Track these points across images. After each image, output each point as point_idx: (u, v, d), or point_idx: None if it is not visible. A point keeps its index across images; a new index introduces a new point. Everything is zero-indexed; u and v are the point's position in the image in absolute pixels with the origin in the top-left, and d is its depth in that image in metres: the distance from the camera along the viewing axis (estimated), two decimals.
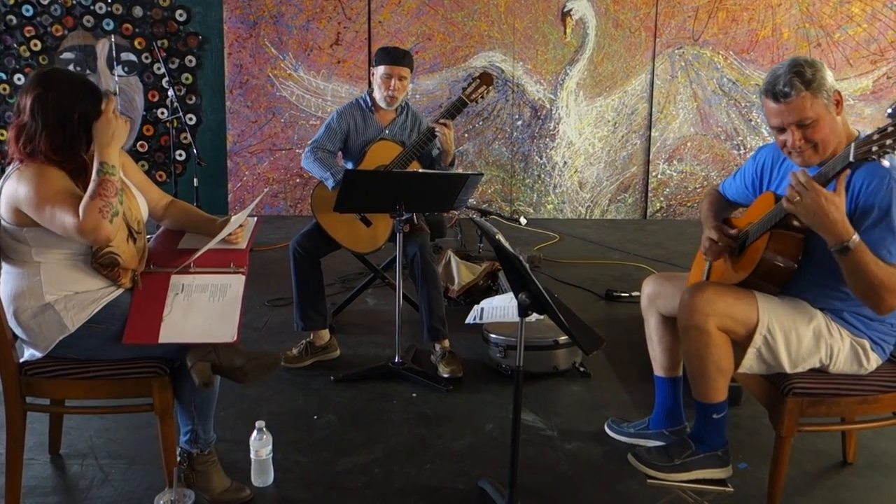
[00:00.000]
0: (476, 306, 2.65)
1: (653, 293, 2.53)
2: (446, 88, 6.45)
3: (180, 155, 6.43)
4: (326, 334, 3.45)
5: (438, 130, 3.28)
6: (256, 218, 2.61)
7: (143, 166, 6.47)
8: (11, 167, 2.12)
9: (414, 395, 3.09)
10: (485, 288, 4.17)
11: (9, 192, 2.08)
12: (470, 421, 2.88)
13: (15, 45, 6.20)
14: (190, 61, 6.39)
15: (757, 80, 6.37)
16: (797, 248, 2.15)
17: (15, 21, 6.17)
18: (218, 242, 2.34)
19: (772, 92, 2.09)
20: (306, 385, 3.17)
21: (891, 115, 4.52)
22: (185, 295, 2.20)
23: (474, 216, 4.52)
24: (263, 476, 2.43)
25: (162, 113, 6.40)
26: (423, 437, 2.76)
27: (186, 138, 6.12)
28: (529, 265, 4.78)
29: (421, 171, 3.34)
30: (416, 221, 3.42)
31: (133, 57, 6.35)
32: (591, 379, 3.27)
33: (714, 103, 6.55)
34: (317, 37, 6.36)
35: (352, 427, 2.82)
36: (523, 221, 4.78)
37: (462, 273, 4.21)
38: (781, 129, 2.12)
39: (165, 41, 6.30)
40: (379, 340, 3.69)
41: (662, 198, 6.72)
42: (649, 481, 2.39)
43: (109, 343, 2.13)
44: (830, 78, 2.07)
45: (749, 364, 2.20)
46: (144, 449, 2.60)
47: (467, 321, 2.61)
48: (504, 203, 6.71)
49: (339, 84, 6.43)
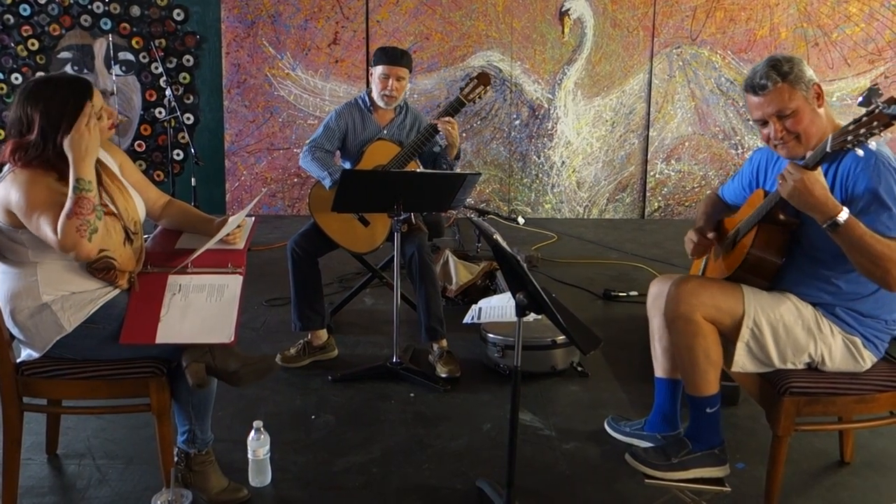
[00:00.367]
0: (474, 306, 2.66)
1: (657, 294, 2.54)
2: (444, 88, 6.45)
3: (178, 154, 6.43)
4: (324, 334, 3.45)
5: (443, 128, 3.28)
6: (254, 218, 2.61)
7: (141, 166, 6.46)
8: (6, 169, 2.11)
9: (412, 395, 3.09)
10: (483, 288, 4.17)
11: (2, 195, 2.08)
12: (468, 421, 2.88)
13: (12, 45, 6.19)
14: (188, 61, 6.38)
15: None
16: (783, 242, 2.20)
17: (12, 20, 6.16)
18: (215, 243, 2.34)
19: (751, 86, 2.16)
20: (304, 385, 3.17)
21: (861, 104, 4.55)
22: (183, 295, 2.20)
23: (472, 216, 4.52)
24: (261, 476, 2.43)
25: (160, 112, 6.39)
26: (421, 437, 2.76)
27: (184, 138, 6.12)
28: (527, 265, 4.79)
29: (419, 171, 3.35)
30: (414, 221, 3.42)
31: (130, 56, 6.34)
32: (589, 379, 3.27)
33: (712, 103, 6.55)
34: (315, 36, 6.35)
35: (349, 427, 2.82)
36: (521, 221, 4.76)
37: (460, 273, 4.21)
38: (764, 123, 2.18)
39: (163, 40, 6.29)
40: (377, 340, 3.69)
41: (660, 197, 6.72)
42: (647, 481, 2.39)
43: (106, 343, 2.13)
44: (809, 72, 2.13)
45: (741, 362, 2.21)
46: (142, 449, 2.60)
47: (465, 321, 2.61)
48: (502, 203, 6.71)
49: (337, 84, 6.43)
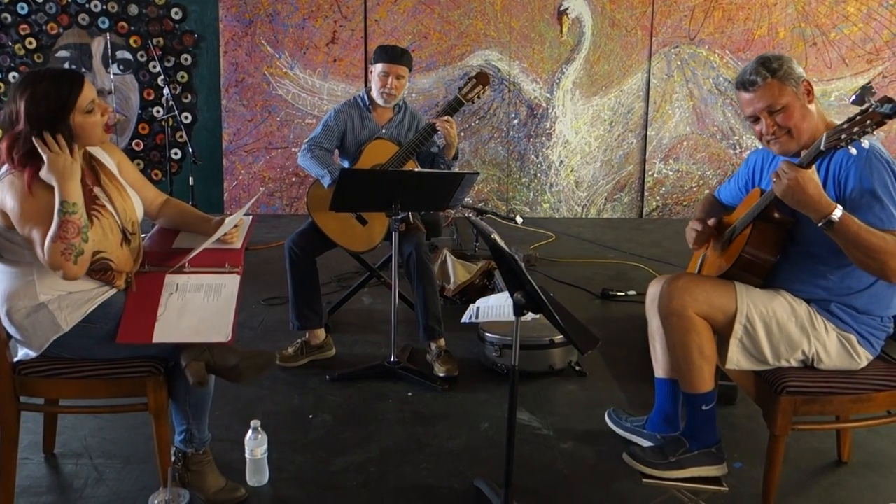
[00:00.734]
0: (472, 305, 2.65)
1: (655, 294, 2.54)
2: (442, 87, 6.45)
3: (176, 153, 6.42)
4: (322, 333, 3.45)
5: (441, 127, 3.28)
6: (252, 217, 2.61)
7: (139, 165, 6.46)
8: (3, 170, 2.09)
9: (409, 395, 3.08)
10: (481, 287, 4.17)
11: None
12: (466, 420, 2.88)
13: (10, 44, 6.18)
14: (185, 59, 6.38)
15: None
16: (777, 240, 2.22)
17: (10, 19, 6.15)
18: (213, 242, 2.34)
19: (742, 83, 2.21)
20: (302, 384, 3.17)
21: (855, 102, 4.57)
22: (180, 295, 2.19)
23: (470, 215, 4.52)
24: (258, 476, 2.42)
25: (157, 111, 6.38)
26: (419, 437, 2.75)
27: (182, 137, 6.11)
28: (525, 264, 4.79)
29: (417, 170, 3.35)
30: (412, 220, 3.42)
31: (128, 55, 6.34)
32: (587, 378, 3.27)
33: (710, 102, 6.56)
34: (313, 35, 6.35)
35: (347, 426, 2.82)
36: (519, 220, 4.76)
37: (458, 272, 4.21)
38: (756, 119, 2.22)
39: (161, 39, 6.29)
40: (375, 339, 3.68)
41: (658, 197, 6.73)
42: (645, 480, 2.40)
43: (104, 342, 2.13)
44: (799, 69, 2.18)
45: (735, 358, 2.22)
46: (139, 448, 2.59)
47: (463, 320, 2.61)
48: (500, 202, 6.71)
49: (335, 83, 6.42)
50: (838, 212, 1.97)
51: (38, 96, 2.03)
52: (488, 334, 3.27)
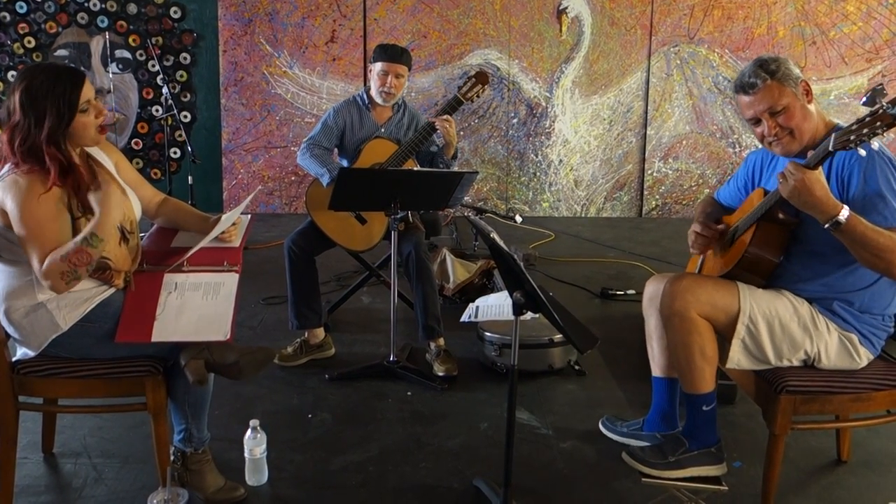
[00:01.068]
0: (471, 304, 2.65)
1: (653, 293, 2.54)
2: (442, 86, 6.45)
3: (175, 152, 6.42)
4: (321, 332, 3.44)
5: (440, 126, 3.28)
6: (250, 216, 2.60)
7: (138, 164, 6.46)
8: (6, 169, 2.09)
9: (409, 394, 3.08)
10: (480, 286, 4.16)
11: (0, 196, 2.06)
12: (465, 419, 2.88)
13: (9, 43, 6.17)
14: (185, 58, 6.37)
15: None
16: (781, 241, 2.21)
17: (8, 18, 6.14)
18: (211, 240, 2.33)
19: (741, 86, 2.21)
20: (301, 384, 3.17)
21: (865, 104, 4.56)
22: (179, 293, 2.19)
23: (470, 214, 4.51)
24: (257, 475, 2.42)
25: (156, 110, 6.38)
26: (418, 436, 2.75)
27: (181, 136, 6.11)
28: (525, 263, 4.79)
29: (416, 170, 3.34)
30: (412, 219, 3.42)
31: (127, 54, 6.33)
32: (587, 377, 3.27)
33: (709, 101, 6.55)
34: (312, 34, 6.34)
35: (346, 426, 2.82)
36: (519, 219, 4.75)
37: (457, 271, 4.21)
38: (756, 121, 2.22)
39: (160, 38, 6.28)
40: (374, 339, 3.68)
41: (658, 196, 6.72)
42: (644, 479, 2.39)
43: (102, 342, 2.12)
44: (796, 70, 2.18)
45: (736, 358, 2.22)
46: (138, 448, 2.59)
47: (462, 319, 2.60)
48: (499, 201, 6.71)
49: (335, 82, 6.42)
50: (845, 212, 1.97)
51: (34, 88, 2.03)
52: (487, 333, 3.27)
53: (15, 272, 2.12)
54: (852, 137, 1.90)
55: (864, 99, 4.66)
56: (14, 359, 2.19)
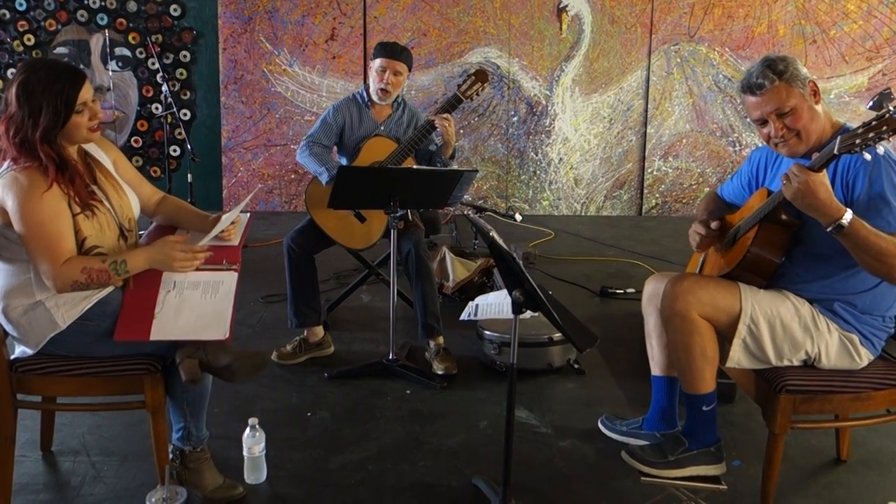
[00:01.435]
0: (470, 303, 2.64)
1: (653, 291, 2.54)
2: (441, 84, 6.44)
3: (175, 150, 6.41)
4: (320, 331, 3.44)
5: (439, 124, 3.27)
6: (249, 214, 2.59)
7: (138, 162, 6.45)
8: (5, 167, 2.08)
9: (408, 392, 3.08)
10: (479, 284, 4.16)
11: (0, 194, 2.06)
12: (464, 418, 2.88)
13: (8, 40, 6.17)
14: (184, 56, 6.37)
15: None
16: (783, 241, 2.20)
17: (8, 16, 6.14)
18: (211, 239, 2.32)
19: (748, 86, 2.18)
20: (300, 382, 3.16)
21: (872, 108, 4.55)
22: (177, 292, 2.18)
23: (469, 213, 4.50)
24: (256, 473, 2.42)
25: (156, 108, 6.38)
26: (417, 435, 2.75)
27: (181, 134, 6.11)
28: (524, 262, 4.78)
29: (415, 168, 3.34)
30: (411, 218, 3.41)
31: (127, 52, 6.32)
32: (586, 376, 3.26)
33: (710, 100, 6.55)
34: (312, 32, 6.34)
35: (345, 424, 2.82)
36: (518, 218, 4.75)
37: (457, 269, 4.21)
38: (763, 122, 2.19)
39: (160, 36, 6.28)
40: (373, 337, 3.68)
41: (658, 194, 6.72)
42: (643, 478, 2.39)
43: (101, 340, 2.12)
44: (804, 70, 2.16)
45: (737, 357, 2.21)
46: (136, 446, 2.59)
47: (462, 318, 2.60)
48: (499, 199, 6.70)
49: (334, 80, 6.41)
50: (848, 216, 1.96)
51: (32, 83, 2.03)
52: (487, 332, 3.27)
53: (13, 270, 2.12)
54: (858, 141, 1.89)
55: (871, 103, 4.64)
56: (12, 357, 2.18)
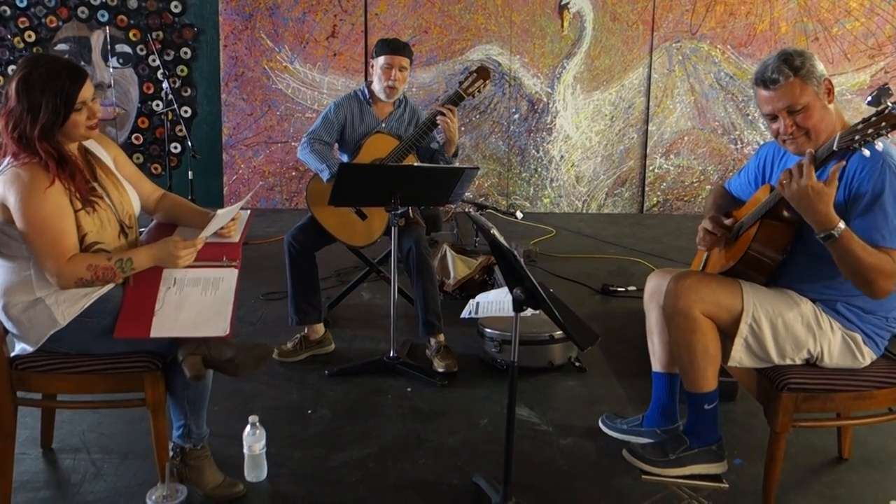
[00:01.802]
0: (471, 301, 2.65)
1: (654, 288, 2.53)
2: (443, 82, 6.43)
3: (175, 147, 6.40)
4: (321, 328, 3.44)
5: (440, 120, 3.27)
6: (250, 211, 2.59)
7: (138, 159, 6.45)
8: (6, 163, 2.08)
9: (409, 390, 3.07)
10: (480, 282, 4.15)
11: (0, 191, 2.05)
12: (465, 416, 2.87)
13: (9, 37, 6.16)
14: (185, 53, 6.36)
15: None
16: (785, 239, 2.19)
17: (9, 12, 6.13)
18: (211, 236, 2.32)
19: (762, 80, 2.14)
20: (300, 379, 3.16)
21: (870, 104, 4.52)
22: (178, 289, 2.18)
23: (470, 210, 4.50)
24: (257, 471, 2.42)
25: (157, 105, 6.37)
26: (418, 432, 2.75)
27: (182, 131, 6.10)
28: (525, 259, 4.78)
29: (417, 165, 3.33)
30: (412, 215, 3.41)
31: (128, 49, 6.31)
32: (587, 374, 3.26)
33: (711, 97, 6.54)
34: (313, 29, 6.33)
35: (346, 422, 2.81)
36: (520, 215, 4.75)
37: (458, 267, 4.20)
38: (773, 117, 2.16)
39: (160, 33, 6.27)
40: (374, 335, 3.67)
41: (659, 192, 6.71)
42: (644, 477, 2.39)
43: (101, 337, 2.12)
44: (820, 67, 2.11)
45: (738, 356, 2.20)
46: (137, 443, 2.58)
47: (462, 316, 2.60)
48: (500, 197, 6.69)
49: (335, 77, 6.40)
50: (841, 227, 1.95)
51: (32, 79, 2.03)
52: (488, 330, 3.26)
53: (14, 267, 2.11)
54: (857, 137, 1.88)
55: (870, 98, 4.62)
56: (12, 354, 2.18)
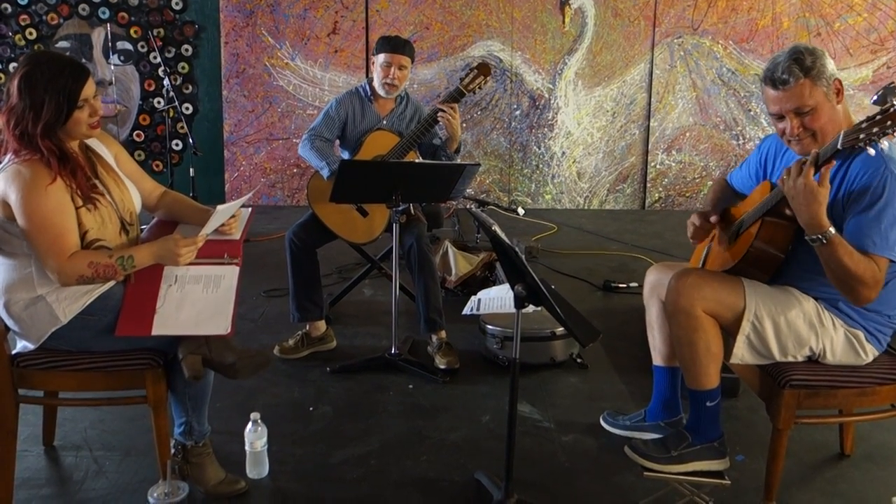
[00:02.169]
0: (473, 297, 2.64)
1: (655, 282, 2.53)
2: (444, 78, 6.42)
3: (177, 145, 6.40)
4: (323, 325, 3.43)
5: (441, 117, 3.26)
6: (251, 208, 2.59)
7: (140, 156, 6.45)
8: (7, 160, 2.08)
9: (410, 387, 3.07)
10: (482, 279, 4.15)
11: (1, 188, 2.05)
12: (466, 412, 2.87)
13: (10, 34, 6.15)
14: (186, 50, 6.35)
15: (756, 70, 6.34)
16: (787, 237, 2.18)
17: (10, 9, 6.12)
18: (212, 233, 2.32)
19: (771, 79, 2.10)
20: (302, 376, 3.16)
21: (876, 102, 4.49)
22: (179, 286, 2.18)
23: (472, 206, 4.50)
24: (258, 468, 2.42)
25: (158, 102, 6.36)
26: (420, 429, 2.75)
27: (183, 128, 6.09)
28: (527, 255, 4.78)
29: (418, 161, 3.32)
30: (413, 212, 3.40)
31: (129, 46, 6.31)
32: (588, 370, 3.26)
33: (713, 93, 6.52)
34: (314, 26, 6.32)
35: (347, 419, 2.81)
36: (521, 212, 4.75)
37: (459, 263, 4.20)
38: (780, 117, 2.13)
39: (161, 30, 6.26)
40: (375, 331, 3.67)
41: (661, 188, 6.70)
42: (646, 473, 2.38)
43: (102, 334, 2.12)
44: (831, 66, 2.07)
45: (741, 353, 2.20)
46: (139, 441, 2.59)
47: (464, 312, 2.59)
48: (502, 193, 6.69)
49: (337, 73, 6.39)
50: (831, 231, 1.95)
51: (34, 76, 2.02)
52: (489, 326, 3.26)
53: (14, 265, 2.11)
54: (862, 136, 1.86)
55: (875, 97, 4.59)
56: (14, 352, 2.18)
